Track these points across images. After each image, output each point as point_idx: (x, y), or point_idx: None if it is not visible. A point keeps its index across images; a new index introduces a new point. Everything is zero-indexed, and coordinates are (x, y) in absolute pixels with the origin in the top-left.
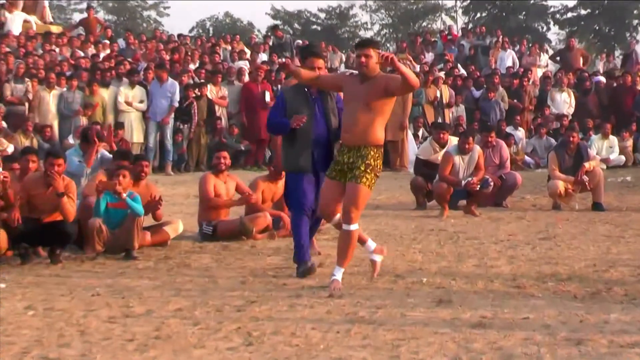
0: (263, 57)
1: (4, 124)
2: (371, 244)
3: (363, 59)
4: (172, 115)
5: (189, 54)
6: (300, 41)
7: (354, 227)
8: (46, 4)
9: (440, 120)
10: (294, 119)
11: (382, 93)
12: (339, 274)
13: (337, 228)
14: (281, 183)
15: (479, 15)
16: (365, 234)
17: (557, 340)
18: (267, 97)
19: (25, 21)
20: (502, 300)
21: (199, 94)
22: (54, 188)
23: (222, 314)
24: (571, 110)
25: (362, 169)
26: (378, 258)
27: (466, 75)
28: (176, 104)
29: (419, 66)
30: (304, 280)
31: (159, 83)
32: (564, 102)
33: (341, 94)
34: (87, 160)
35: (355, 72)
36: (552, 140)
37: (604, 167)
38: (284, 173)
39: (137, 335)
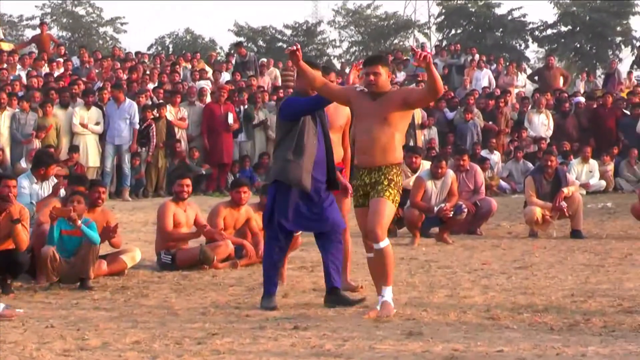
0: (226, 76)
1: None
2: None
3: (372, 77)
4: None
5: (147, 72)
6: (265, 59)
7: (384, 244)
8: None
9: (412, 143)
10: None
11: (400, 106)
12: (387, 294)
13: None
14: (244, 210)
15: (453, 32)
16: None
17: None
18: (230, 119)
19: None
20: (475, 332)
21: (157, 115)
22: (8, 214)
23: (182, 347)
24: (549, 133)
25: (385, 184)
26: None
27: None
28: (137, 127)
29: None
30: (268, 312)
31: (115, 104)
32: (542, 124)
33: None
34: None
35: (364, 88)
36: (529, 165)
37: (584, 192)
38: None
39: None
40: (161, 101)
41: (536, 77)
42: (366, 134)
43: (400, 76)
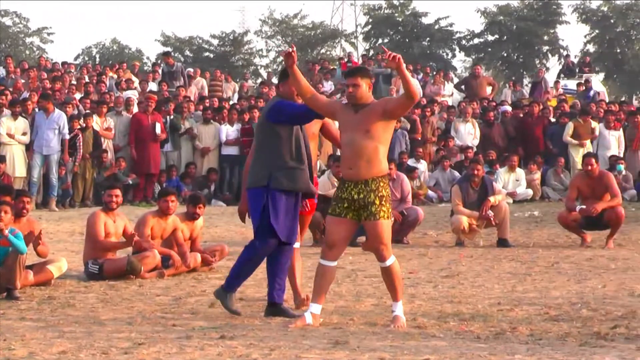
0: (152, 86)
1: None
2: (318, 309)
3: (351, 89)
4: (61, 148)
5: (74, 82)
6: (191, 69)
7: (390, 261)
8: None
9: (338, 152)
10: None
11: (381, 116)
12: (399, 309)
13: (319, 270)
14: (171, 219)
15: (380, 41)
16: (324, 297)
17: None
18: (158, 129)
19: None
20: (402, 341)
21: (84, 125)
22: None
23: (109, 356)
24: (476, 142)
25: (377, 203)
26: (309, 319)
27: None
28: (67, 137)
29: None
30: (194, 321)
31: (44, 114)
32: (468, 133)
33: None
34: None
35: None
36: (456, 173)
37: (510, 201)
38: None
39: None
40: (88, 111)
41: (463, 86)
42: (350, 146)
43: (328, 86)
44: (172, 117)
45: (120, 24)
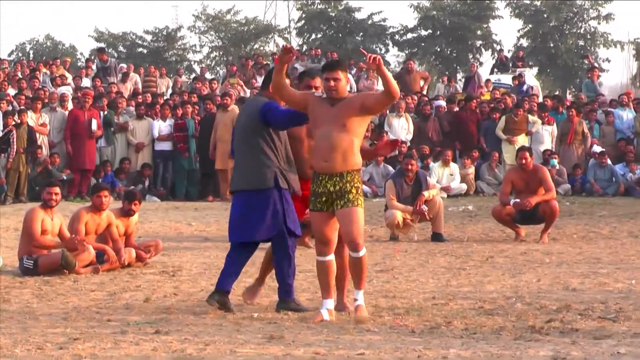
0: (86, 82)
1: None
2: (330, 303)
3: (332, 83)
4: None
5: (7, 79)
6: (124, 64)
7: (362, 252)
8: None
9: None
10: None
11: (358, 111)
12: (360, 298)
13: (318, 267)
14: (105, 215)
15: (314, 36)
16: (332, 291)
17: None
18: (94, 125)
19: None
20: (337, 336)
21: (18, 121)
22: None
23: (44, 352)
24: (409, 137)
25: (354, 192)
26: (325, 315)
27: None
28: (0, 133)
29: (249, 91)
30: (129, 316)
31: None
32: (402, 127)
33: None
34: None
35: (323, 94)
36: (390, 168)
37: (445, 195)
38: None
39: None
40: (22, 107)
41: (396, 82)
42: (325, 140)
43: (261, 81)
44: (106, 112)
45: (53, 20)
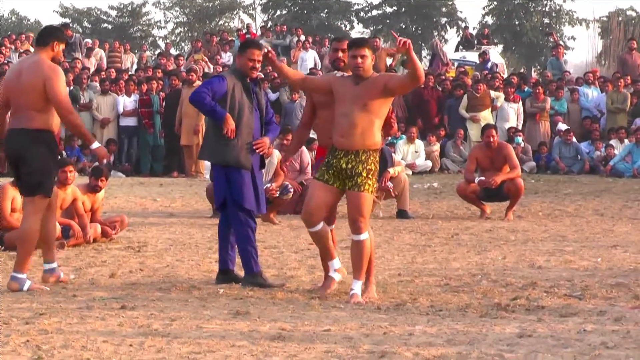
0: None
1: None
2: (336, 263)
3: (359, 60)
4: None
5: None
6: (89, 40)
7: (364, 236)
8: None
9: None
10: (228, 127)
11: (381, 92)
12: (357, 287)
13: (313, 237)
14: (70, 190)
15: (279, 13)
16: (334, 251)
17: (360, 353)
18: None
19: None
20: (302, 312)
21: None
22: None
23: (10, 326)
24: None
25: (364, 175)
26: (337, 276)
27: (262, 76)
28: None
29: (213, 67)
30: (95, 292)
31: None
32: None
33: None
34: None
35: (344, 73)
36: None
37: (410, 173)
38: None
39: None
40: None
41: None
42: (345, 117)
43: (226, 57)
44: (71, 88)
45: None
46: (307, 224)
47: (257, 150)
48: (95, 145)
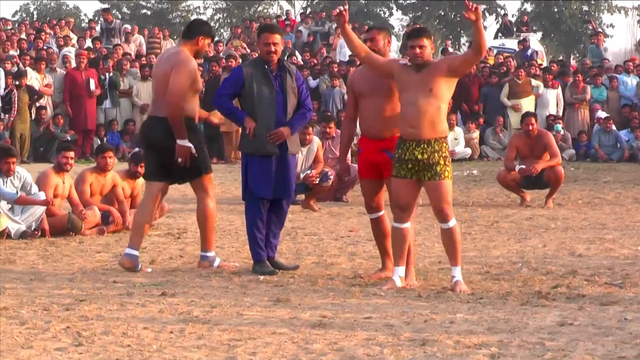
0: (90, 43)
1: None
2: (402, 271)
3: (417, 50)
4: None
5: (8, 39)
6: (129, 26)
7: (452, 223)
8: None
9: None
10: (249, 127)
11: (446, 74)
12: (458, 274)
13: (394, 233)
14: (110, 176)
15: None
16: (404, 259)
17: (401, 341)
18: (92, 85)
19: None
20: (343, 299)
21: (17, 83)
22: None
23: (50, 312)
24: None
25: (442, 163)
26: (398, 283)
27: (302, 63)
28: (1, 92)
29: (252, 53)
30: (136, 278)
31: None
32: None
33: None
34: None
35: (407, 62)
36: None
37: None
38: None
39: None
40: (27, 68)
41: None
42: (412, 106)
43: None
44: (111, 74)
45: None
46: (397, 219)
47: (270, 141)
48: (182, 142)
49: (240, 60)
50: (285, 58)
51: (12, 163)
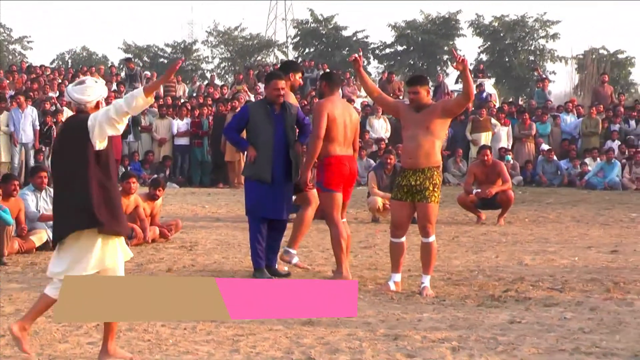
0: (114, 87)
1: None
2: (398, 277)
3: (412, 96)
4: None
5: (47, 83)
6: (148, 72)
7: (432, 238)
8: None
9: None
10: (250, 155)
11: (440, 115)
12: (427, 281)
13: (392, 247)
14: (133, 198)
15: (307, 50)
16: (401, 267)
17: (377, 336)
18: None
19: None
20: None
21: (54, 120)
22: None
23: None
24: (387, 135)
25: (431, 188)
26: (393, 287)
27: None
28: (37, 128)
29: (253, 96)
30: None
31: (19, 109)
32: (381, 127)
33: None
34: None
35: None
36: (372, 161)
37: None
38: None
39: (8, 332)
40: (64, 107)
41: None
42: (412, 141)
43: (264, 87)
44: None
45: (89, 34)
46: (392, 235)
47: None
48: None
49: (244, 102)
50: None
51: (44, 177)
